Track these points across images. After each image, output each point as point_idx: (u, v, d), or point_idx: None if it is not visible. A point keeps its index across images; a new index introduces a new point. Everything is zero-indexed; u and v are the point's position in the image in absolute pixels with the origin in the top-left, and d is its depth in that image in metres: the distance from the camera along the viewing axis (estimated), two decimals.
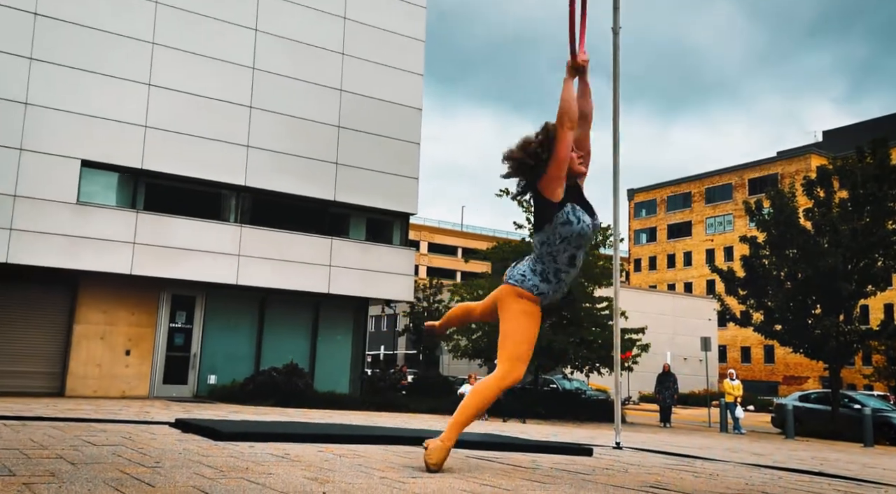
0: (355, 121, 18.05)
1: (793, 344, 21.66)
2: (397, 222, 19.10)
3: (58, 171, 14.52)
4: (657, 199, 68.51)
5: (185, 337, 16.32)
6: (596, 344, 20.38)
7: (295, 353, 17.14)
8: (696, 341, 30.84)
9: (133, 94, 15.41)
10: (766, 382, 54.77)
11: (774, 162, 60.06)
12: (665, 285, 64.71)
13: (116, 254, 14.87)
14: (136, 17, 15.59)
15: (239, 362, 16.67)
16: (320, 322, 18.02)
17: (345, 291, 17.57)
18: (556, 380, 27.70)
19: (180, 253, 15.54)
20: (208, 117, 16.19)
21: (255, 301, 17.19)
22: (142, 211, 15.47)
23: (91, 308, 15.35)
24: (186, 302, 16.40)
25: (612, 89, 7.76)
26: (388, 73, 18.66)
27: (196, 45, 16.19)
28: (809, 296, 21.12)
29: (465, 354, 22.01)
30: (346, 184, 17.78)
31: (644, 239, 69.41)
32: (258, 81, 16.91)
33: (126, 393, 15.39)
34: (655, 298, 47.02)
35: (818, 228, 21.31)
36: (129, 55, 15.43)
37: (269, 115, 16.98)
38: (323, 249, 17.37)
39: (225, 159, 16.34)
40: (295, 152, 17.20)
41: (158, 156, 15.56)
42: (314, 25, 17.75)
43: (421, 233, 65.41)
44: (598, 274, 21.09)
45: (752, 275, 22.12)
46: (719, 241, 61.60)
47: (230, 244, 16.23)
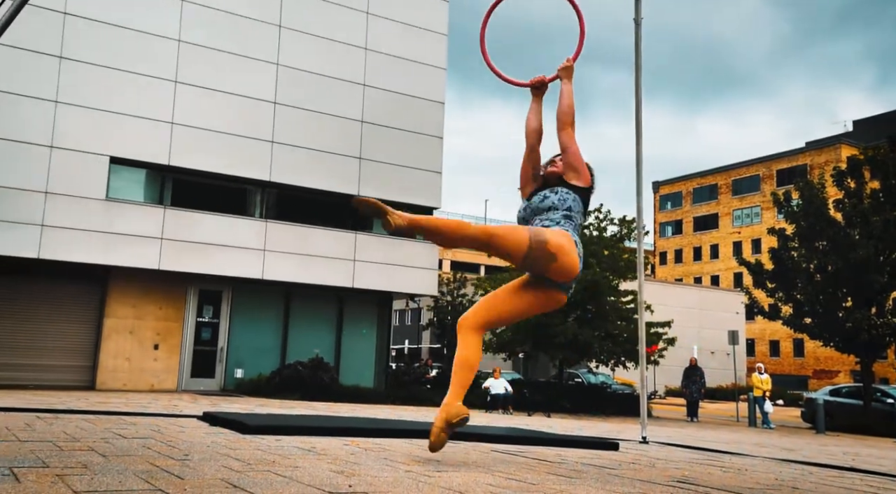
0: (378, 116, 18.09)
1: (823, 338, 21.33)
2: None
3: (87, 168, 14.75)
4: (683, 192, 67.76)
5: (212, 331, 16.52)
6: (621, 338, 20.26)
7: (320, 347, 17.27)
8: (724, 335, 30.51)
9: (160, 92, 15.59)
10: (796, 376, 54.02)
11: (803, 152, 59.07)
12: (691, 278, 64.04)
13: (145, 250, 15.09)
14: (163, 15, 15.76)
15: (265, 356, 16.83)
16: (345, 316, 18.13)
17: (369, 285, 17.64)
18: (582, 374, 27.60)
19: (207, 249, 15.72)
20: (234, 113, 16.33)
21: (280, 295, 17.33)
22: (169, 206, 15.66)
23: (120, 302, 15.59)
24: (213, 296, 16.59)
25: (634, 81, 7.68)
26: (410, 67, 18.66)
27: (221, 42, 16.33)
28: (840, 289, 20.77)
29: (490, 348, 22.02)
30: (369, 179, 17.84)
31: (670, 231, 68.73)
32: (282, 77, 17.01)
33: (155, 387, 15.62)
34: (681, 291, 46.58)
35: (849, 219, 20.94)
36: (156, 53, 15.61)
37: (294, 111, 17.08)
38: (347, 244, 17.45)
39: (250, 155, 16.47)
40: (319, 147, 17.29)
41: (185, 153, 15.74)
42: (338, 21, 17.79)
43: None
44: (623, 267, 20.95)
45: (780, 268, 21.80)
46: (747, 234, 60.79)
47: (256, 239, 16.38)
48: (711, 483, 3.31)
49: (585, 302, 20.41)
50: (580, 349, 20.08)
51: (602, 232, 21.81)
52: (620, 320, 20.59)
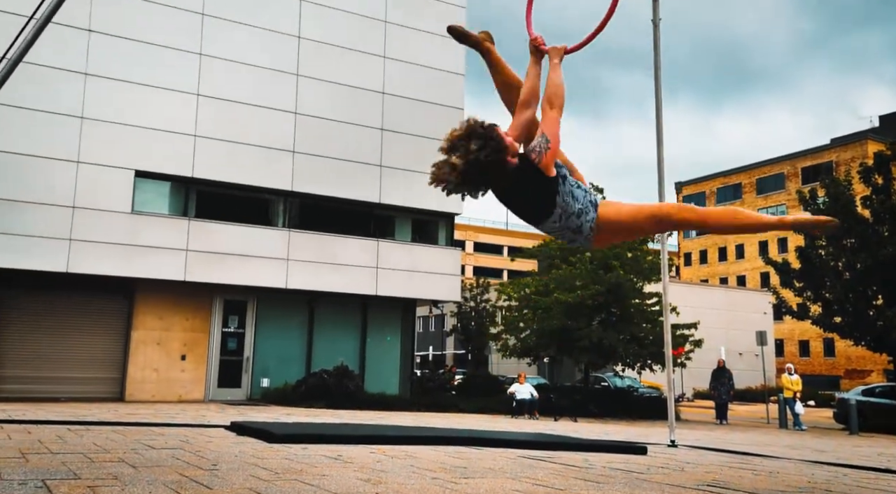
0: (398, 123, 18.15)
1: (854, 337, 20.97)
2: (442, 222, 19.14)
3: (113, 182, 14.98)
4: (706, 192, 67.10)
5: (238, 341, 16.65)
6: (647, 341, 20.07)
7: (345, 355, 17.33)
8: (752, 335, 30.09)
9: (183, 105, 15.79)
10: (827, 376, 53.10)
11: (828, 149, 58.22)
12: (717, 279, 63.31)
13: (170, 261, 15.27)
14: (184, 29, 15.97)
15: (290, 364, 16.92)
16: (369, 323, 18.17)
17: (392, 292, 17.68)
18: (608, 378, 27.37)
19: (231, 259, 15.86)
20: (255, 124, 16.49)
21: (304, 304, 17.43)
22: (193, 218, 15.84)
23: (147, 314, 15.78)
24: (238, 306, 16.73)
25: (654, 81, 7.63)
26: (429, 74, 18.71)
27: (242, 53, 16.51)
28: (870, 287, 20.41)
29: (514, 353, 21.94)
30: (390, 186, 17.90)
31: (694, 232, 68.03)
32: (302, 87, 17.15)
33: (182, 397, 15.77)
34: (707, 292, 46.05)
35: (877, 216, 20.59)
36: (179, 67, 15.82)
37: (314, 120, 17.20)
38: (369, 251, 17.52)
39: (272, 165, 16.61)
40: (340, 156, 17.39)
41: (208, 165, 15.92)
42: (356, 30, 17.91)
43: (466, 233, 65.42)
44: (647, 269, 20.77)
45: (808, 267, 21.49)
46: (773, 233, 59.99)
47: (279, 248, 16.50)
48: (743, 487, 3.26)
49: (609, 305, 20.26)
50: (605, 352, 19.92)
51: None
52: (646, 322, 20.40)
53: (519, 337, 21.70)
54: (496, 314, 33.21)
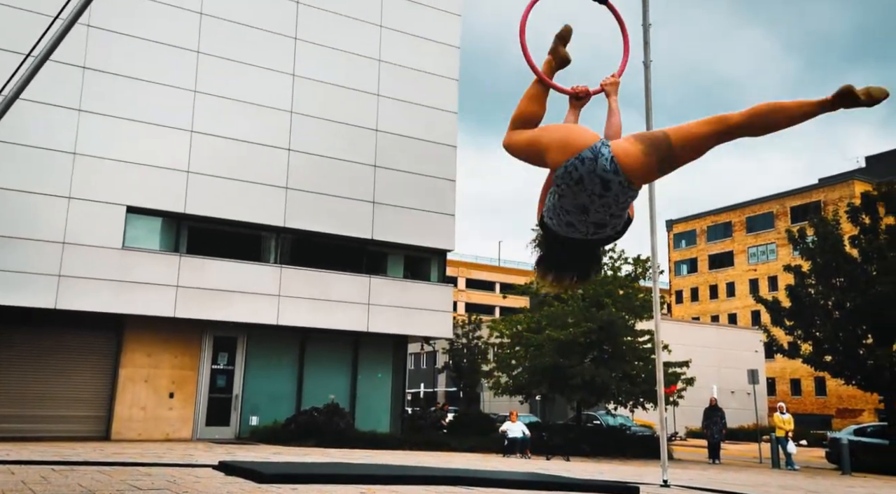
0: (391, 161, 18.30)
1: (845, 376, 20.94)
2: (434, 259, 19.17)
3: (104, 218, 14.97)
4: (697, 230, 67.54)
5: (227, 378, 16.49)
6: (639, 379, 19.99)
7: (335, 392, 17.17)
8: (743, 374, 30.01)
9: (176, 141, 15.89)
10: (819, 415, 52.87)
11: (816, 189, 58.91)
12: (708, 317, 63.36)
13: (160, 298, 15.19)
14: (179, 66, 16.15)
15: (280, 402, 16.74)
16: (360, 360, 18.05)
17: (384, 329, 17.61)
18: (600, 416, 27.15)
19: (222, 295, 15.80)
20: (248, 161, 16.58)
21: (295, 341, 17.32)
22: (185, 254, 15.81)
23: (136, 351, 15.63)
24: (228, 343, 16.60)
25: (645, 122, 7.76)
26: (422, 111, 18.94)
27: (235, 91, 16.68)
28: (860, 326, 20.46)
29: (506, 391, 21.79)
30: (383, 223, 17.96)
31: (685, 270, 68.30)
32: (296, 124, 17.31)
33: (170, 436, 15.54)
34: (699, 330, 46.04)
35: (865, 255, 20.74)
36: (172, 103, 15.95)
37: (307, 157, 17.32)
38: (361, 288, 17.49)
39: (264, 201, 16.67)
40: (332, 192, 17.47)
41: (200, 201, 15.95)
42: (349, 68, 18.16)
43: (458, 269, 65.43)
44: (639, 307, 20.78)
45: (798, 305, 21.55)
46: (763, 271, 60.29)
47: (271, 285, 16.45)
48: None
49: (601, 343, 20.22)
50: (597, 390, 19.81)
51: (616, 271, 21.73)
52: (638, 360, 20.35)
53: (511, 375, 21.57)
54: (488, 351, 33.07)
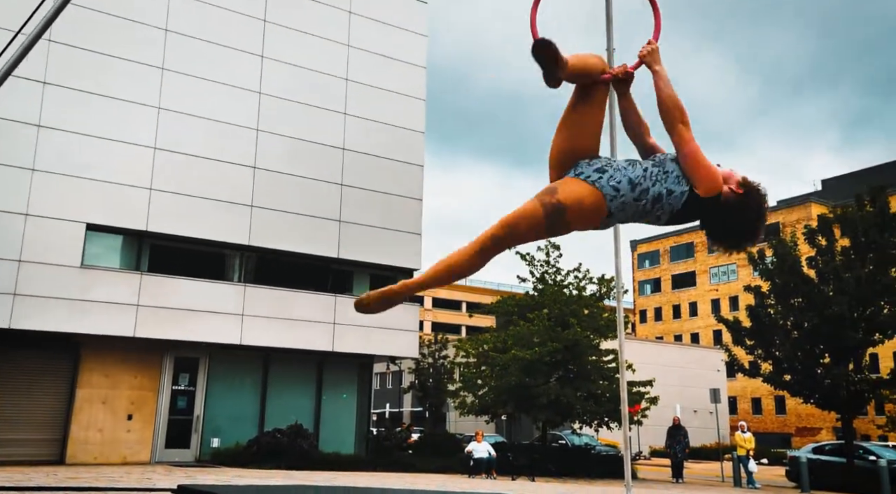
0: (358, 179, 18.27)
1: (803, 395, 21.34)
2: (401, 278, 19.10)
3: (63, 236, 14.65)
4: (660, 250, 68.56)
5: (188, 399, 16.16)
6: (604, 398, 20.10)
7: (299, 413, 16.93)
8: (706, 393, 30.39)
9: (138, 158, 15.66)
10: (779, 434, 53.71)
11: (775, 210, 60.32)
12: (672, 336, 64.16)
13: (120, 317, 14.86)
14: (142, 82, 15.96)
15: (242, 424, 16.45)
16: (324, 380, 17.85)
17: (349, 349, 17.47)
18: (566, 436, 27.21)
19: (184, 315, 15.52)
20: (212, 178, 16.41)
21: (258, 361, 17.07)
22: (146, 272, 15.53)
23: (94, 372, 15.24)
24: (189, 363, 16.29)
25: (610, 144, 7.88)
26: (389, 130, 18.98)
27: (200, 108, 16.53)
28: (817, 345, 20.91)
29: (472, 411, 21.72)
30: (349, 242, 17.88)
31: (649, 290, 69.19)
32: (261, 142, 17.20)
33: (127, 459, 15.14)
34: (662, 349, 46.57)
35: (822, 276, 21.25)
36: (136, 119, 15.74)
37: (272, 175, 17.20)
38: (327, 307, 17.34)
39: (229, 219, 16.49)
40: (298, 210, 17.36)
41: (163, 218, 15.71)
42: (316, 86, 18.14)
43: None
44: (604, 326, 20.94)
45: (758, 325, 21.95)
46: (724, 291, 61.36)
47: (234, 304, 16.23)
48: None
49: (567, 362, 20.32)
50: (563, 410, 19.86)
51: (581, 291, 21.90)
52: (602, 380, 20.47)
53: (477, 395, 21.52)
54: (454, 370, 32.99)
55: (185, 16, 16.66)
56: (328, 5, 18.68)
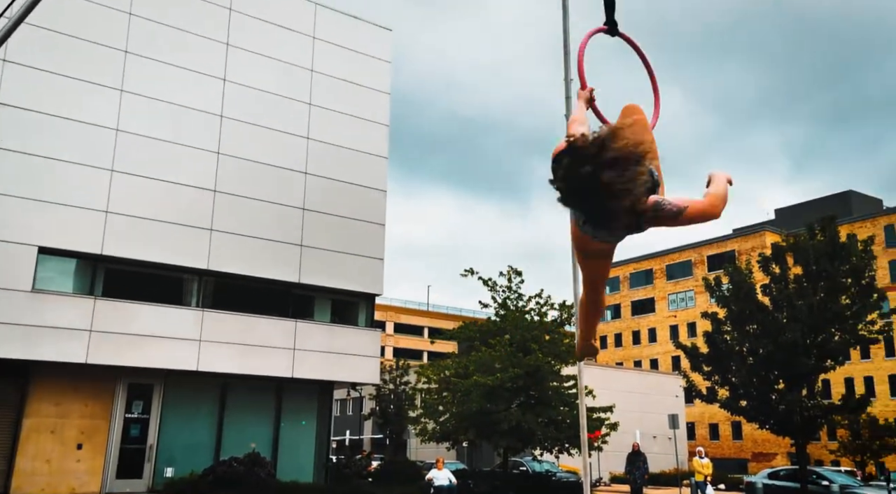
0: (320, 204, 18.19)
1: (759, 421, 21.71)
2: (363, 303, 19.01)
3: (13, 259, 14.24)
4: (620, 276, 69.43)
5: (142, 427, 15.72)
6: (564, 424, 20.14)
7: (257, 441, 16.60)
8: (665, 418, 30.67)
9: (94, 180, 15.37)
10: (735, 459, 54.35)
11: (731, 239, 61.69)
12: (632, 362, 64.77)
13: (72, 343, 14.45)
14: (100, 103, 15.73)
15: (198, 452, 16.04)
16: (283, 407, 17.56)
17: (309, 375, 17.23)
18: (526, 463, 27.14)
19: (139, 340, 15.16)
20: (171, 201, 16.17)
21: (216, 387, 16.72)
22: (100, 297, 15.16)
23: (42, 400, 14.74)
24: (144, 390, 15.88)
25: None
26: (352, 155, 18.99)
27: (160, 130, 16.34)
28: (772, 372, 21.34)
29: (433, 438, 21.55)
30: (310, 267, 17.74)
31: (609, 315, 69.88)
32: (222, 165, 17.04)
33: (76, 490, 14.63)
34: (622, 375, 46.93)
35: (776, 304, 21.76)
36: (93, 142, 15.47)
37: (233, 198, 17.03)
38: (287, 332, 17.12)
39: (188, 243, 16.23)
40: (259, 235, 17.19)
41: (119, 242, 15.40)
42: (279, 110, 18.09)
43: (387, 314, 64.97)
44: (565, 352, 21.06)
45: (715, 351, 22.33)
46: (682, 317, 62.29)
47: (191, 329, 15.92)
48: None
49: (528, 388, 20.34)
50: (524, 436, 19.84)
51: (543, 317, 22.02)
52: (563, 405, 20.52)
53: (438, 421, 21.38)
54: (416, 397, 32.73)
55: (146, 36, 16.52)
56: (292, 30, 18.72)
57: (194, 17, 17.25)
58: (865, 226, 51.71)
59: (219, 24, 17.61)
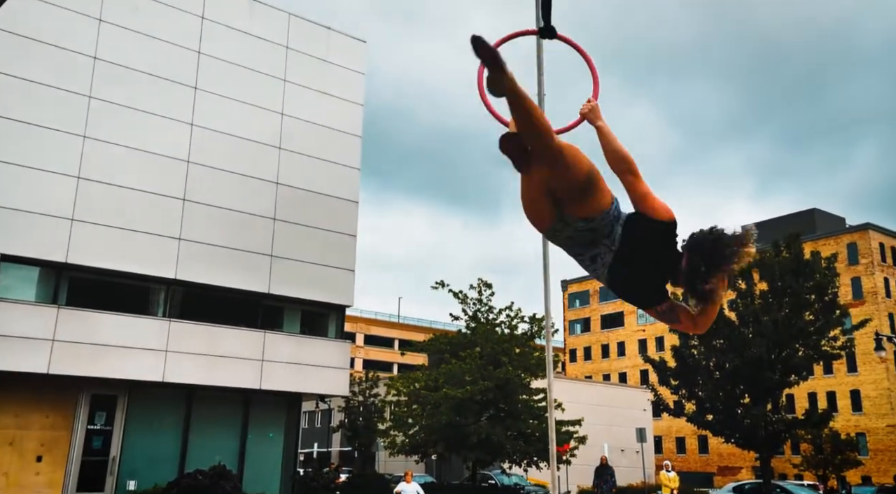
0: (292, 214, 18.08)
1: (724, 434, 21.98)
2: (333, 314, 18.88)
3: None
4: (590, 290, 69.95)
5: (105, 439, 15.38)
6: (533, 437, 20.19)
7: (223, 453, 16.33)
8: (633, 432, 30.87)
9: (61, 187, 15.09)
10: (702, 473, 54.87)
11: None
12: (601, 375, 65.17)
13: (33, 353, 14.11)
14: (68, 111, 15.48)
15: (162, 465, 15.74)
16: (251, 419, 17.32)
17: (277, 387, 17.04)
18: (495, 476, 27.10)
19: (103, 350, 14.87)
20: (139, 209, 15.94)
21: (181, 399, 16.44)
22: (64, 306, 14.85)
23: (1, 411, 14.36)
24: (107, 401, 15.55)
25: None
26: (325, 166, 18.92)
27: (129, 138, 16.12)
28: (738, 386, 21.64)
29: (402, 451, 21.45)
30: (280, 277, 17.59)
31: (579, 329, 70.31)
32: (192, 174, 16.85)
33: None
34: (591, 389, 47.17)
35: (742, 319, 22.10)
36: (59, 148, 15.21)
37: (203, 208, 16.85)
38: (255, 343, 16.93)
39: (156, 252, 16.00)
40: (229, 245, 17.01)
41: (85, 250, 15.12)
42: (251, 120, 17.98)
43: (357, 325, 64.61)
44: (535, 365, 21.15)
45: (682, 366, 22.59)
46: (651, 331, 62.91)
47: (157, 339, 15.66)
48: None
49: (498, 401, 20.36)
50: (493, 449, 19.84)
51: (513, 330, 22.10)
52: (532, 419, 20.58)
53: (407, 434, 21.29)
54: (385, 409, 32.54)
55: (116, 44, 16.33)
56: (265, 40, 18.65)
57: (166, 25, 17.10)
58: (829, 244, 52.85)
59: (191, 31, 17.48)
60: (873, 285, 51.32)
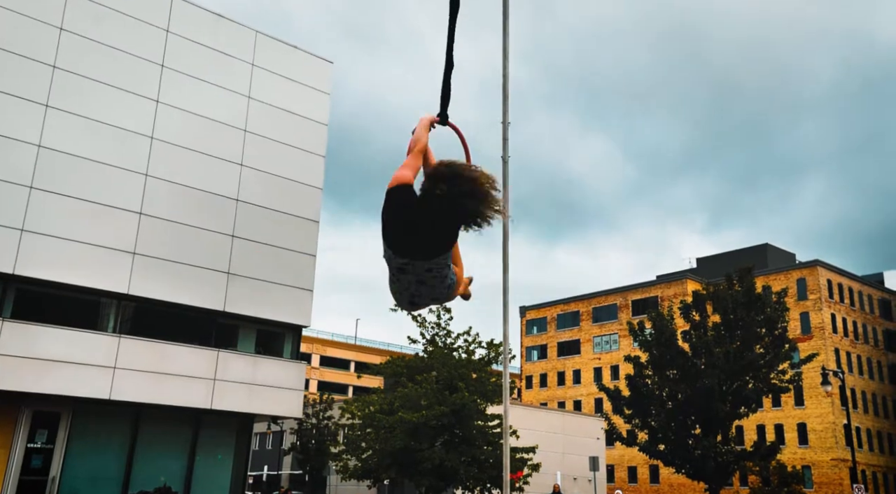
0: (250, 232, 17.86)
1: (675, 465, 22.20)
2: (289, 334, 18.62)
3: None
4: (548, 317, 70.39)
5: (45, 458, 14.82)
6: (487, 464, 20.10)
7: (168, 474, 15.89)
8: (586, 460, 30.94)
9: (9, 196, 14.67)
10: None
11: (654, 285, 63.58)
12: (556, 403, 65.36)
13: None
14: (22, 119, 15.12)
15: (104, 486, 15.22)
16: (200, 440, 16.89)
17: (229, 407, 16.67)
18: None
19: (47, 366, 14.38)
20: (91, 222, 15.57)
21: (128, 417, 15.97)
22: (8, 319, 14.36)
23: None
24: (49, 419, 15.01)
25: (501, 215, 8.14)
26: (286, 185, 18.77)
27: (85, 148, 15.79)
28: (689, 416, 21.92)
29: (354, 475, 21.13)
30: (236, 295, 17.31)
31: (535, 356, 70.55)
32: (150, 187, 16.56)
33: None
34: (545, 416, 47.26)
35: (695, 350, 22.48)
36: (12, 157, 14.82)
37: (159, 222, 16.54)
38: (208, 362, 16.58)
39: (108, 266, 15.61)
40: (184, 260, 16.70)
41: (34, 262, 14.68)
42: (212, 135, 17.78)
43: (313, 346, 63.79)
44: (491, 391, 21.12)
45: (636, 395, 22.82)
46: (606, 360, 63.47)
47: (106, 355, 15.22)
48: None
49: (453, 427, 20.25)
50: (446, 475, 19.68)
51: (471, 355, 22.08)
52: (487, 445, 20.50)
53: (360, 458, 20.99)
54: (338, 432, 32.07)
55: (76, 53, 16.06)
56: (229, 55, 18.55)
57: (129, 37, 16.89)
58: (780, 279, 54.24)
59: (154, 44, 17.29)
60: (821, 320, 52.75)
